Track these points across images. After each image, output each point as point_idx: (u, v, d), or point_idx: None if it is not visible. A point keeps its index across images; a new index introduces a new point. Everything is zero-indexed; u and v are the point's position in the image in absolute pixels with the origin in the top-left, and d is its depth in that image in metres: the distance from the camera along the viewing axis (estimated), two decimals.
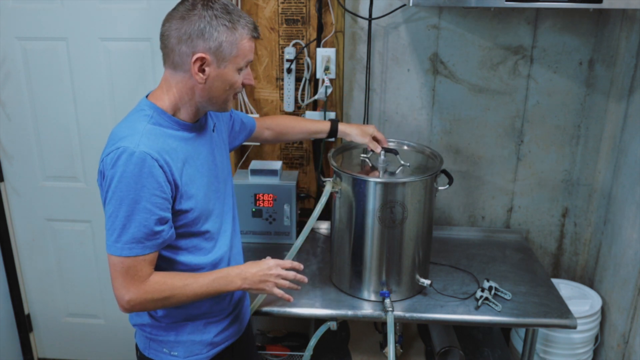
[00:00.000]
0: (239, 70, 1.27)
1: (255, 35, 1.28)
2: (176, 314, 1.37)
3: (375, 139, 1.76)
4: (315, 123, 1.80)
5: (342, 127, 1.77)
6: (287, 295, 1.46)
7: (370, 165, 1.76)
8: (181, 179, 1.26)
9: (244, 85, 1.32)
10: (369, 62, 2.06)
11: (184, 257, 1.33)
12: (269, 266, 1.40)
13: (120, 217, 1.19)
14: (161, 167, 1.20)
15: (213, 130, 1.44)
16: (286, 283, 1.42)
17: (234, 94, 1.31)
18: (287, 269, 1.43)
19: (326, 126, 1.77)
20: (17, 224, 2.44)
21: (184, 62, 1.23)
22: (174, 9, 1.25)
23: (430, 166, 1.75)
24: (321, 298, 1.74)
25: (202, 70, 1.23)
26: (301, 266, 1.47)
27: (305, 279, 1.50)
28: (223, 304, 1.44)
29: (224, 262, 1.42)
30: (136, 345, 1.45)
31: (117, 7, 2.10)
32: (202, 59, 1.21)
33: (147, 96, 1.31)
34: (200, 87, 1.25)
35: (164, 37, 1.24)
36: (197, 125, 1.34)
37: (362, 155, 1.80)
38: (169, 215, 1.24)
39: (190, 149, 1.30)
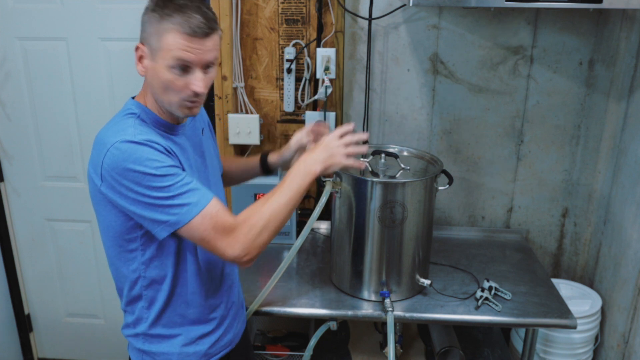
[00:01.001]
0: (171, 68, 1.17)
1: (188, 32, 1.14)
2: (169, 322, 1.33)
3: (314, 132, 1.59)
4: (245, 162, 1.69)
5: (270, 157, 1.63)
6: (358, 162, 1.42)
7: (370, 169, 1.75)
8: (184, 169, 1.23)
9: (187, 89, 1.20)
10: (369, 62, 2.06)
11: (184, 253, 1.29)
12: (327, 142, 1.33)
13: (166, 191, 1.14)
14: (167, 150, 1.18)
15: (202, 133, 1.40)
16: (352, 149, 1.34)
17: (182, 98, 1.20)
18: (341, 136, 1.35)
19: (256, 160, 1.65)
20: (17, 224, 2.44)
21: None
22: None
23: (430, 171, 1.75)
24: (321, 298, 1.74)
25: (142, 62, 1.22)
26: (351, 126, 1.39)
27: (365, 135, 1.43)
28: (218, 311, 1.39)
29: (217, 266, 1.38)
30: (129, 358, 1.41)
31: (117, 7, 2.10)
32: (137, 48, 1.22)
33: (132, 98, 1.30)
34: (147, 83, 1.24)
35: None
36: (182, 127, 1.30)
37: (361, 159, 1.80)
38: (191, 175, 1.21)
39: (179, 150, 1.26)
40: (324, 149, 1.33)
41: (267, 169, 1.64)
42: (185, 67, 1.18)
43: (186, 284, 1.32)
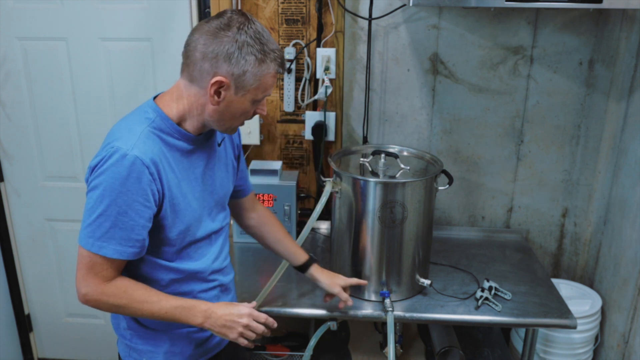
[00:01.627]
0: (255, 101, 1.24)
1: (281, 72, 1.24)
2: (155, 323, 1.33)
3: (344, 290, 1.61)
4: (294, 250, 1.59)
5: (313, 270, 1.59)
6: (249, 344, 1.34)
7: (370, 169, 1.75)
8: (171, 191, 1.22)
9: (255, 114, 1.28)
10: (369, 62, 2.06)
11: (163, 262, 1.29)
12: (240, 314, 1.30)
13: (98, 213, 1.17)
14: (151, 174, 1.17)
15: (219, 145, 1.38)
16: (252, 335, 1.32)
17: (241, 122, 1.28)
18: (260, 323, 1.33)
19: (301, 259, 1.59)
20: (17, 224, 2.44)
21: (203, 78, 1.19)
22: (207, 21, 1.20)
23: (430, 171, 1.75)
24: (321, 298, 1.74)
25: (218, 93, 1.19)
26: (275, 324, 1.36)
27: (275, 324, 1.38)
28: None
29: (205, 274, 1.36)
30: (119, 355, 1.43)
31: (117, 7, 2.10)
32: (221, 83, 1.17)
33: (154, 97, 1.27)
34: (212, 108, 1.21)
35: (189, 47, 1.20)
36: (200, 138, 1.29)
37: (361, 159, 1.80)
38: (148, 225, 1.20)
39: (186, 162, 1.27)
40: (229, 318, 1.29)
41: (301, 271, 1.60)
42: (264, 98, 1.26)
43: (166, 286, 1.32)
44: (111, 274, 1.22)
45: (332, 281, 1.60)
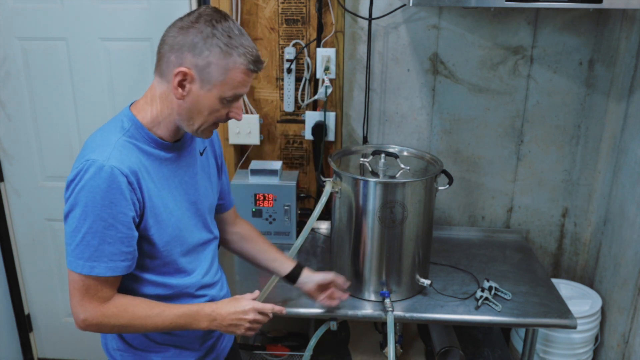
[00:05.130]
0: (224, 99, 1.17)
1: (253, 69, 1.17)
2: (144, 343, 1.32)
3: (334, 285, 1.61)
4: (280, 258, 1.55)
5: (306, 273, 1.56)
6: (251, 332, 1.33)
7: (370, 169, 1.75)
8: (152, 200, 1.19)
9: (229, 118, 1.22)
10: (369, 62, 2.06)
11: (150, 277, 1.26)
12: (244, 310, 1.29)
13: (84, 232, 1.12)
14: (130, 183, 1.13)
15: (201, 154, 1.34)
16: (259, 326, 1.32)
17: (214, 122, 1.22)
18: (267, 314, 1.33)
19: (288, 266, 1.54)
20: (17, 224, 2.44)
21: (169, 72, 1.16)
22: (181, 17, 1.18)
23: (430, 171, 1.75)
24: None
25: (183, 86, 1.15)
26: (284, 310, 1.37)
27: (284, 310, 1.40)
28: (194, 338, 1.37)
29: (193, 288, 1.33)
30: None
31: (117, 7, 2.10)
32: (184, 74, 1.14)
33: (130, 105, 1.24)
34: (178, 103, 1.17)
35: (160, 42, 1.18)
36: (178, 145, 1.26)
37: (361, 159, 1.80)
38: (135, 234, 1.17)
39: (166, 170, 1.23)
40: (235, 317, 1.28)
41: (292, 281, 1.56)
42: (235, 99, 1.20)
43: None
44: (108, 293, 1.18)
45: (323, 277, 1.57)
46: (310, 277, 1.56)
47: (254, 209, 2.04)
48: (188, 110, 1.18)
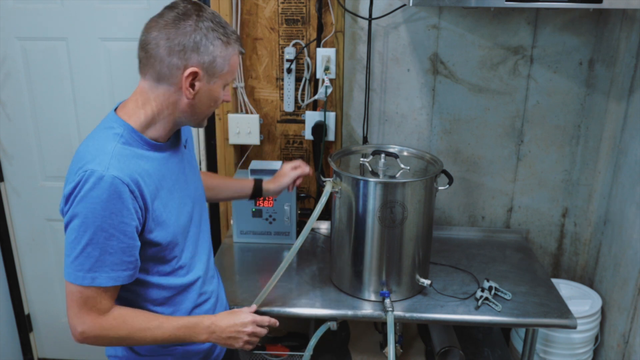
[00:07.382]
0: (225, 86, 1.23)
1: (243, 51, 1.25)
2: (146, 347, 1.32)
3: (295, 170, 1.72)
4: (240, 184, 1.70)
5: (265, 186, 1.69)
6: (249, 346, 1.37)
7: (370, 169, 1.75)
8: (153, 204, 1.18)
9: (223, 101, 1.27)
10: (369, 62, 2.05)
11: (155, 279, 1.26)
12: (244, 322, 1.32)
13: (84, 243, 1.10)
14: (132, 192, 1.12)
15: (185, 147, 1.35)
16: (257, 339, 1.35)
17: (213, 110, 1.27)
18: (264, 326, 1.36)
19: (250, 185, 1.68)
20: (17, 224, 2.44)
21: (172, 74, 1.15)
22: (159, 15, 1.16)
23: (430, 171, 1.75)
24: (321, 298, 1.74)
25: (193, 85, 1.16)
26: (277, 323, 1.40)
27: (277, 323, 1.44)
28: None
29: (197, 285, 1.35)
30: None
31: (117, 7, 2.10)
32: (194, 74, 1.14)
33: (115, 109, 1.22)
34: (186, 102, 1.18)
35: (149, 47, 1.15)
36: (169, 143, 1.26)
37: (361, 159, 1.80)
38: (138, 244, 1.16)
39: (164, 169, 1.23)
40: (234, 329, 1.31)
41: (258, 195, 1.69)
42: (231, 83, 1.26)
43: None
44: (106, 305, 1.17)
45: (285, 173, 1.71)
46: (279, 175, 1.71)
47: (253, 209, 2.04)
48: (194, 106, 1.20)
